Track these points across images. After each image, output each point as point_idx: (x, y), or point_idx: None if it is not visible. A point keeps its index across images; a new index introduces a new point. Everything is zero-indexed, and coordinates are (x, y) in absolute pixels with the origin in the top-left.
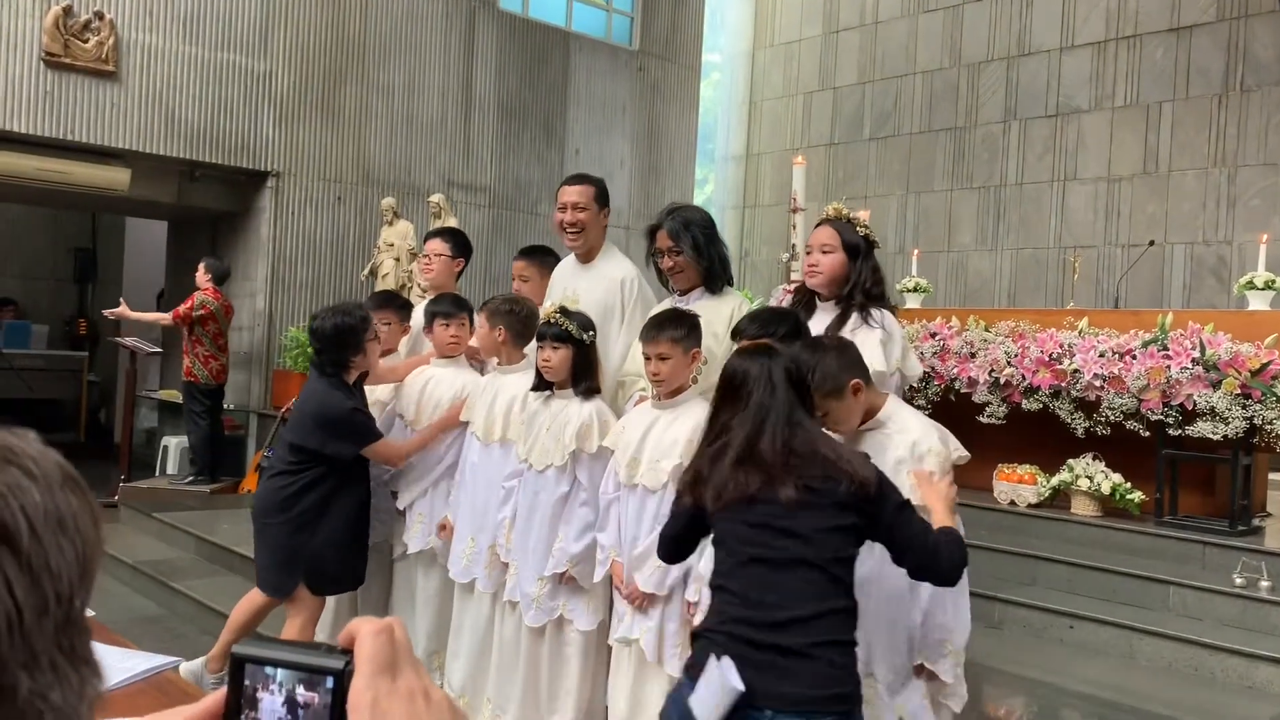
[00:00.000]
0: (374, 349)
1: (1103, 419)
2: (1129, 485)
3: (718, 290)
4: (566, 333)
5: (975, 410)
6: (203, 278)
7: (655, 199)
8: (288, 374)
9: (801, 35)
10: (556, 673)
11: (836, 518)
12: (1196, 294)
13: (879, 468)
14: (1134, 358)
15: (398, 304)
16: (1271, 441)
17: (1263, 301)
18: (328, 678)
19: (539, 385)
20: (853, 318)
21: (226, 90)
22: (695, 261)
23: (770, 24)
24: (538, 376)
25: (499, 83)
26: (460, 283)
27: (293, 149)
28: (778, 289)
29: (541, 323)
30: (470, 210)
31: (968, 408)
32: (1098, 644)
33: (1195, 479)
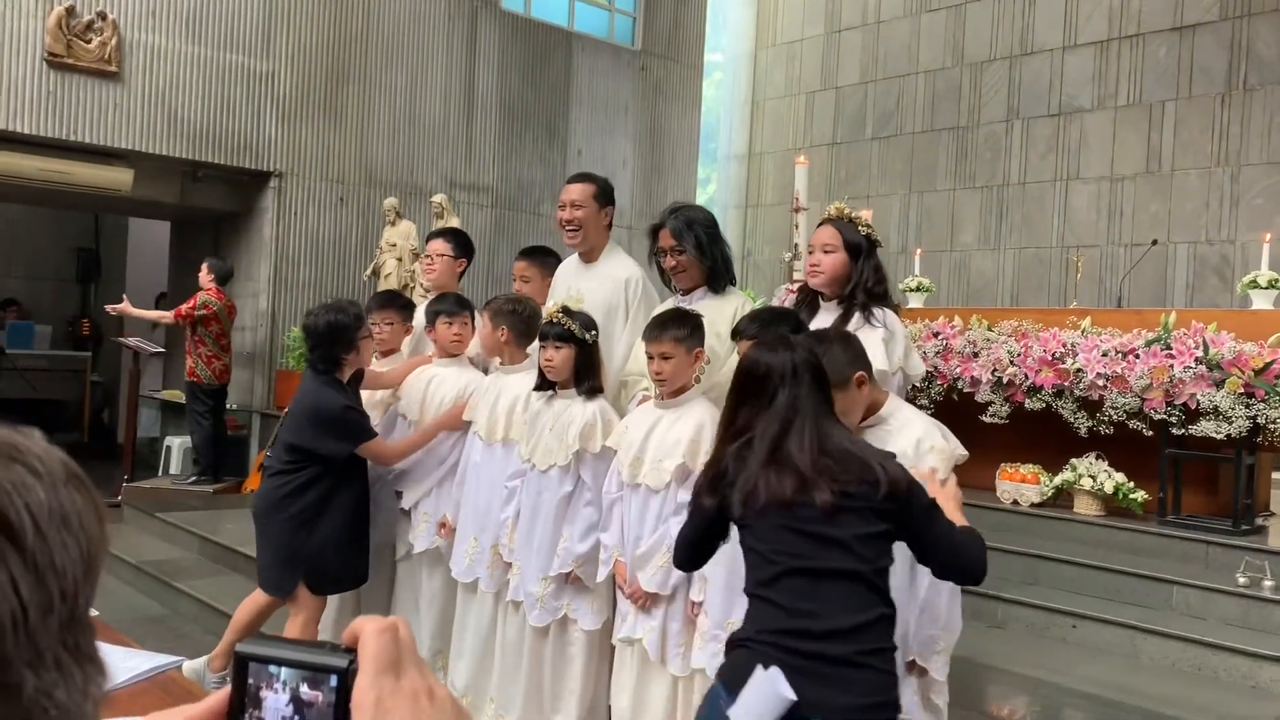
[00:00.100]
0: (367, 346)
1: (1106, 418)
2: (1132, 485)
3: (720, 290)
4: (569, 332)
5: (978, 410)
6: (206, 278)
7: (658, 199)
8: (290, 374)
9: (804, 35)
10: (560, 672)
11: (874, 524)
12: (1199, 293)
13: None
14: (1137, 357)
15: (400, 304)
16: (1275, 441)
17: (1266, 300)
18: (331, 676)
19: (541, 385)
20: (855, 317)
21: (229, 90)
22: (698, 261)
23: (772, 23)
24: (540, 376)
25: (501, 83)
26: (462, 283)
27: (295, 149)
28: (780, 289)
29: (544, 322)
30: (472, 210)
31: (970, 407)
32: (1101, 643)
33: (1198, 478)
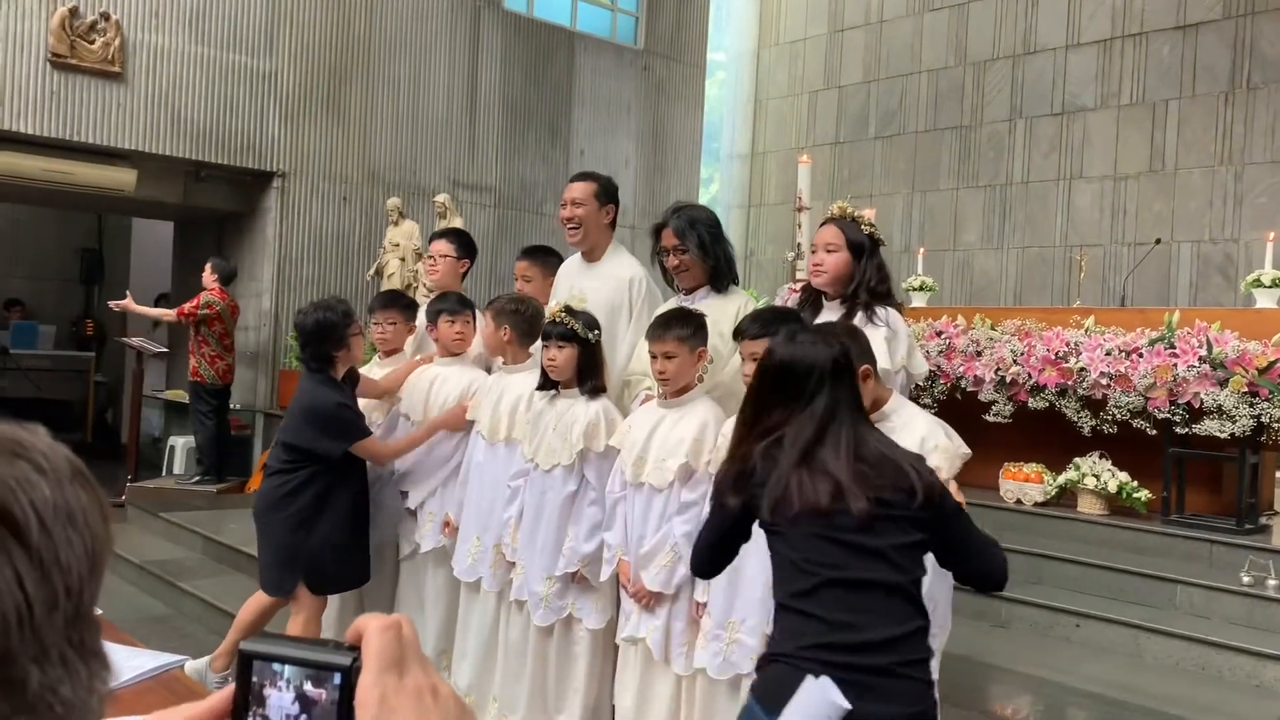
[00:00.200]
0: (358, 343)
1: (1109, 417)
2: (1136, 484)
3: (723, 289)
4: (572, 332)
5: (981, 409)
6: (209, 278)
7: (660, 198)
8: (294, 374)
9: (806, 34)
10: (564, 672)
11: (910, 533)
12: (1203, 292)
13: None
14: (1140, 356)
15: (403, 303)
16: (1279, 440)
17: (1270, 299)
18: (335, 674)
19: (544, 384)
20: (858, 316)
21: (232, 90)
22: (700, 260)
23: (775, 23)
24: (543, 376)
25: (504, 82)
26: (465, 283)
27: (298, 149)
28: (783, 288)
29: (546, 322)
30: (475, 210)
31: (974, 406)
32: (1104, 643)
33: (1202, 477)
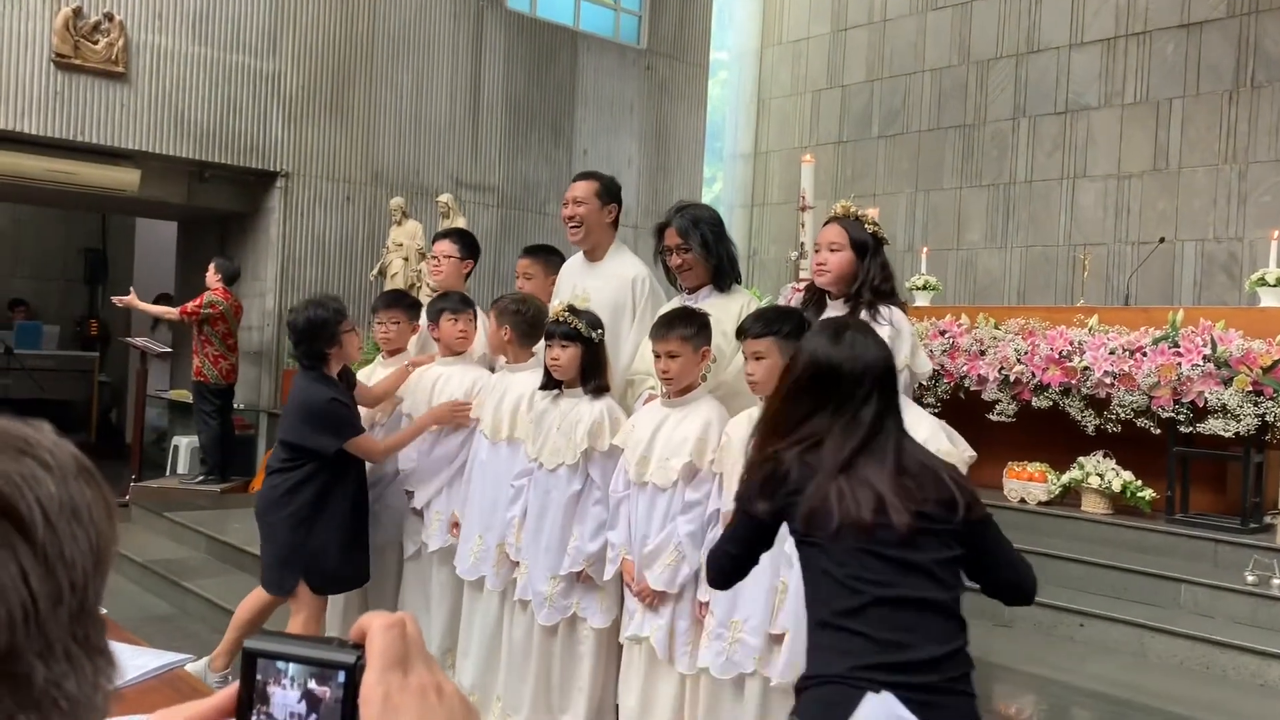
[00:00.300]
0: (351, 340)
1: (1113, 416)
2: (1140, 483)
3: (726, 288)
4: (575, 331)
5: (985, 408)
6: (213, 278)
7: (663, 198)
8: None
9: (809, 33)
10: (569, 671)
11: (952, 548)
12: (1207, 291)
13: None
14: (1144, 355)
15: (406, 303)
16: None
17: (1274, 298)
18: (339, 672)
19: (547, 384)
20: (862, 315)
21: (235, 91)
22: (703, 259)
23: (778, 22)
24: (546, 375)
25: (507, 82)
26: (468, 283)
27: (302, 149)
28: (786, 287)
29: (550, 321)
30: (478, 210)
31: (977, 405)
32: (1108, 642)
33: (1206, 476)
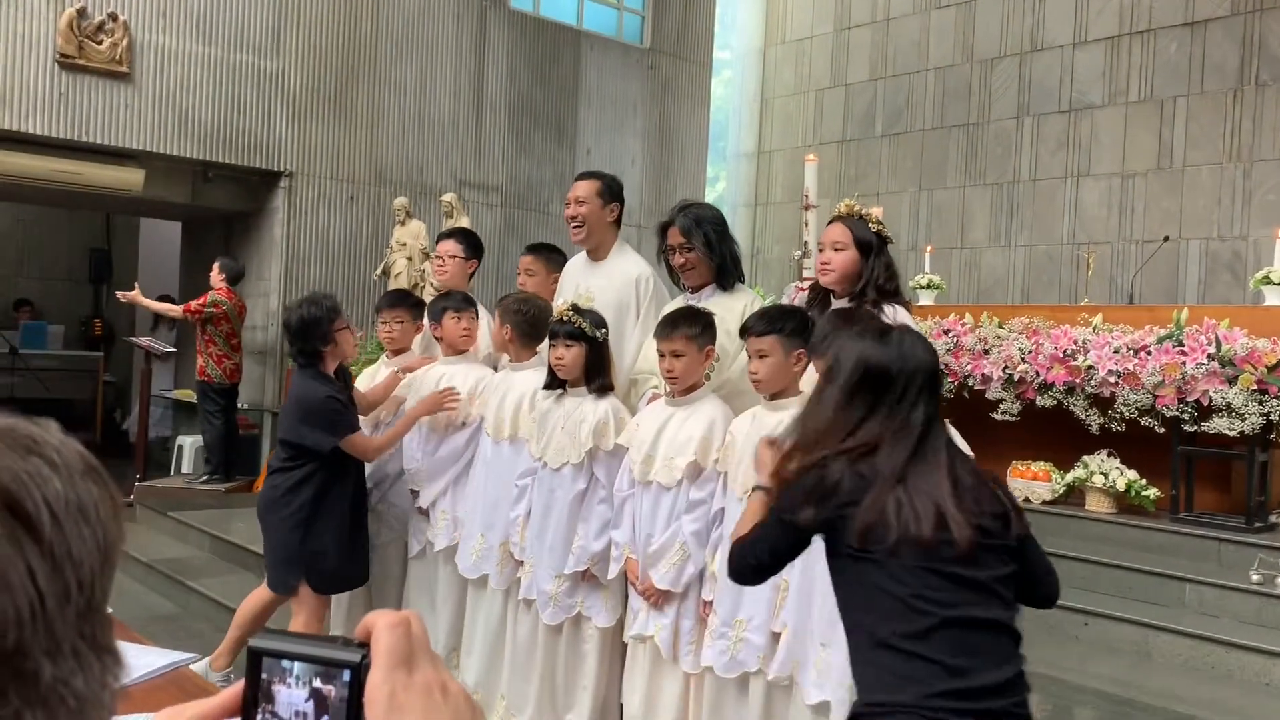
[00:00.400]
0: (345, 338)
1: (1118, 415)
2: (1144, 482)
3: (729, 287)
4: (579, 330)
5: (989, 407)
6: (217, 277)
7: (667, 197)
8: None
9: (813, 32)
10: (573, 670)
11: (1008, 564)
12: (1212, 289)
13: None
14: (1149, 354)
15: (410, 303)
16: None
17: (1279, 297)
18: (344, 671)
19: (552, 383)
20: None
21: (239, 90)
22: (707, 258)
23: (781, 21)
24: (550, 374)
25: (510, 82)
26: (472, 282)
27: (306, 149)
28: (790, 286)
29: (554, 320)
30: (482, 210)
31: (981, 405)
32: (1113, 641)
33: (1211, 475)
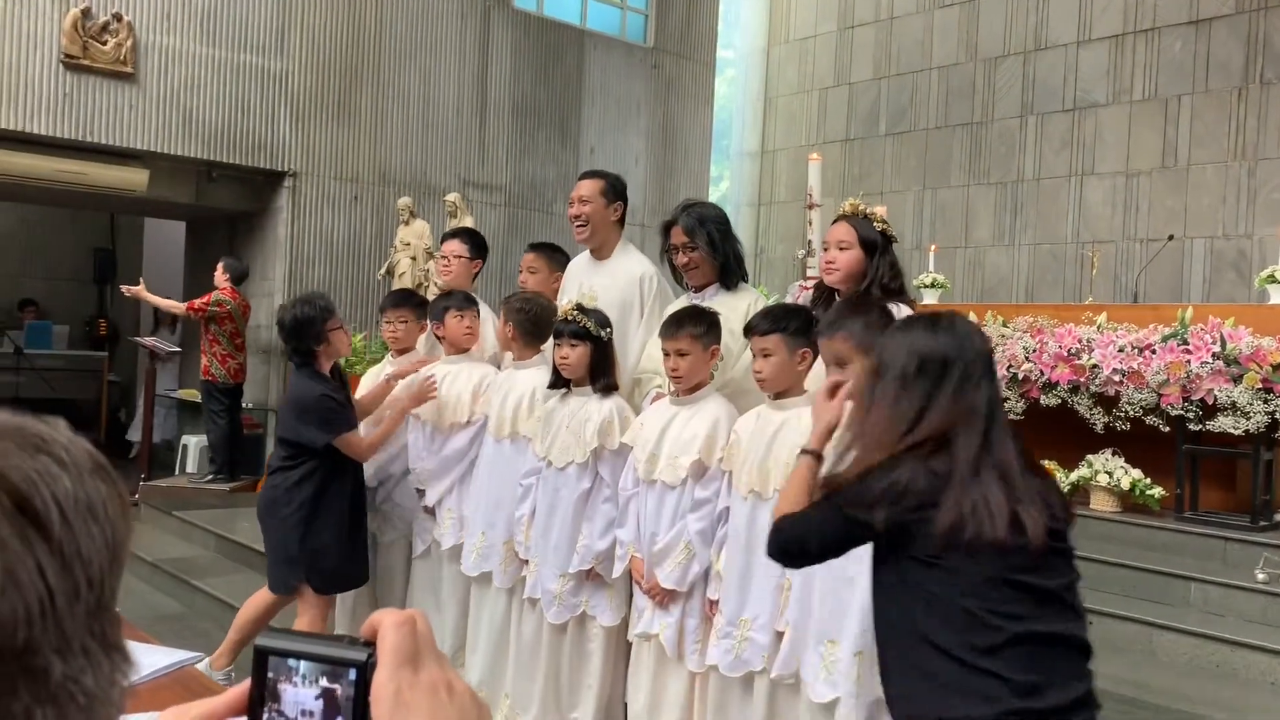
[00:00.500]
0: (339, 338)
1: (1122, 414)
2: (1149, 481)
3: (733, 286)
4: (584, 330)
5: None
6: (221, 277)
7: (670, 196)
8: None
9: (816, 31)
10: (578, 669)
11: (1071, 569)
12: (1216, 288)
13: None
14: (1153, 352)
15: (414, 302)
16: None
17: None
18: (350, 670)
19: (556, 382)
20: None
21: (243, 91)
22: (710, 257)
23: (785, 20)
24: (555, 374)
25: (514, 81)
26: (476, 282)
27: (309, 149)
28: (794, 285)
29: (559, 320)
30: (486, 209)
31: None
32: (1118, 640)
33: (1216, 474)
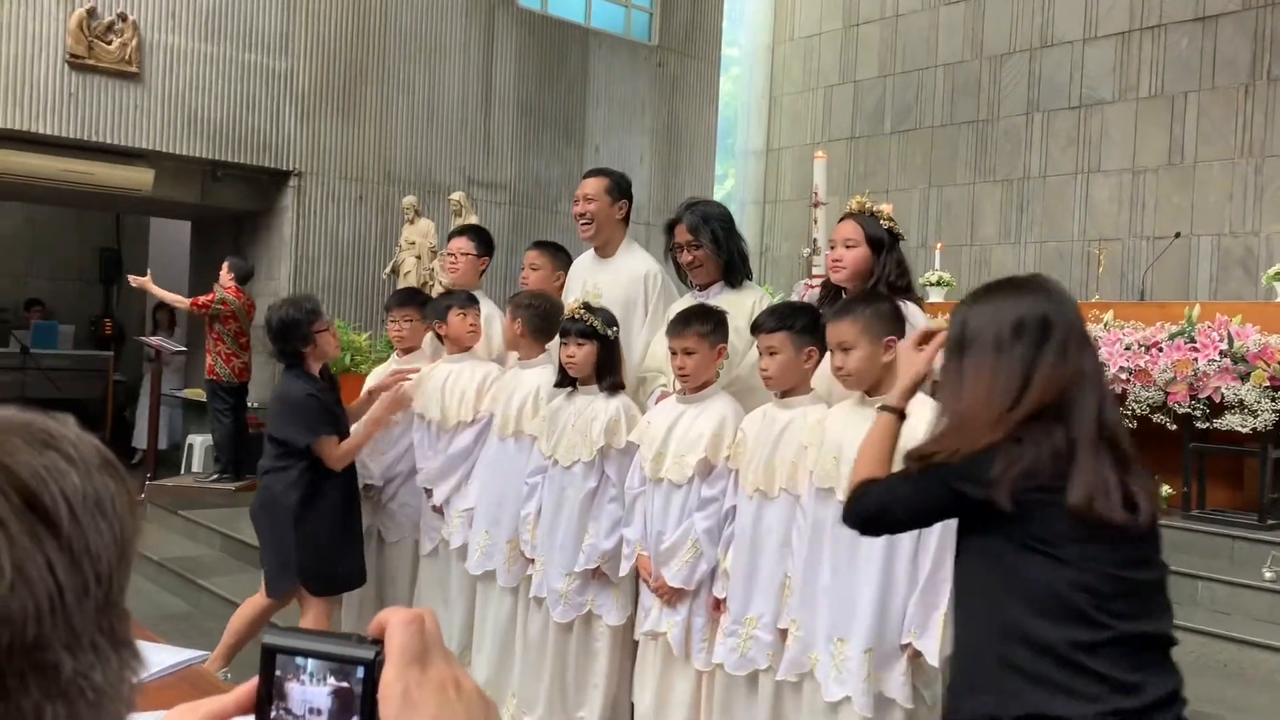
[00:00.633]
0: (326, 339)
1: (1129, 412)
2: (1156, 479)
3: (737, 284)
4: (591, 329)
5: None
6: (226, 276)
7: (675, 195)
8: None
9: (821, 29)
10: (584, 668)
11: (1161, 557)
12: (1223, 286)
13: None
14: (1160, 350)
15: (419, 301)
16: None
17: None
18: (358, 668)
19: (562, 381)
20: None
21: (248, 90)
22: (714, 255)
23: (790, 18)
24: (561, 372)
25: (518, 80)
26: (482, 280)
27: (314, 148)
28: (799, 284)
29: (566, 318)
30: (490, 208)
31: None
32: None
33: (1223, 472)
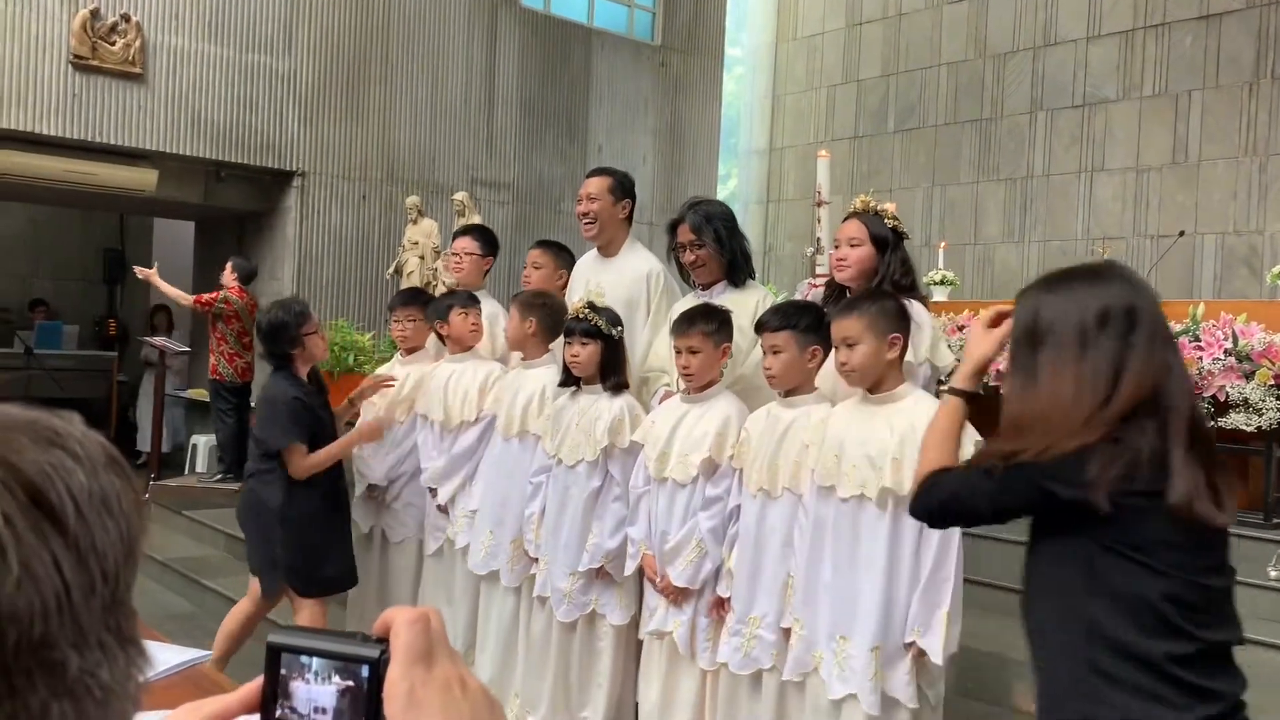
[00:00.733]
0: (314, 342)
1: None
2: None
3: (740, 284)
4: (595, 328)
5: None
6: (229, 276)
7: (678, 194)
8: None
9: (824, 28)
10: (588, 667)
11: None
12: (1228, 284)
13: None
14: None
15: (423, 301)
16: None
17: None
18: (363, 667)
19: (566, 380)
20: None
21: (251, 90)
22: (717, 255)
23: (793, 17)
24: (565, 372)
25: (521, 79)
26: (486, 279)
27: (318, 148)
28: (802, 283)
29: (570, 318)
30: (494, 208)
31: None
32: None
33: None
